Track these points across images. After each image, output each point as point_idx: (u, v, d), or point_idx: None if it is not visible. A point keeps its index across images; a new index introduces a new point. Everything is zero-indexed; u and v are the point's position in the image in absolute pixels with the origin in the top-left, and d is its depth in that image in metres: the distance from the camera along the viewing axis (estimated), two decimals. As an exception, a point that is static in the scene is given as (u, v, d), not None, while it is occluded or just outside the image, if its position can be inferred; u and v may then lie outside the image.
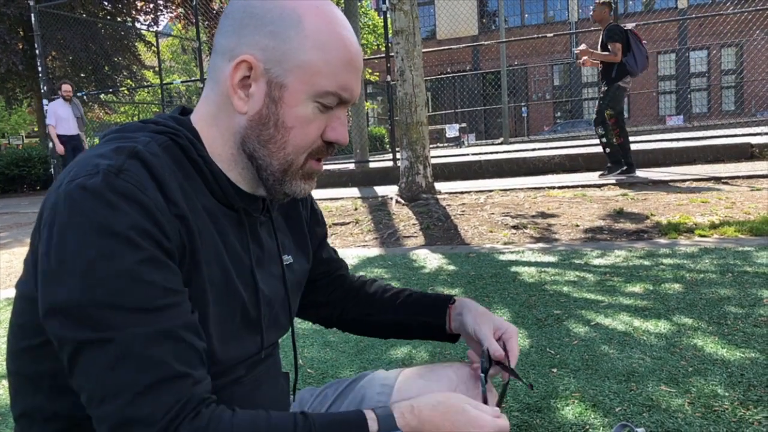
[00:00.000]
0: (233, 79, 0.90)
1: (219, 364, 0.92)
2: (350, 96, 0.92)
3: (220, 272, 0.90)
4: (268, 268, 1.03)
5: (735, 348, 2.26)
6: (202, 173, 0.91)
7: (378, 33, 24.67)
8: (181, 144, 0.90)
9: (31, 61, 16.22)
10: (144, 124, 0.92)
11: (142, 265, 0.77)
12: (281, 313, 1.07)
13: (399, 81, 6.78)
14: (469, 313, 1.17)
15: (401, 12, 6.64)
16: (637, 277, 3.35)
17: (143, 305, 0.76)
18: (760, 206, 5.09)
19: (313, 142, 0.93)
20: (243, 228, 0.97)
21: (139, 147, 0.84)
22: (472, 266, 3.92)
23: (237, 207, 0.95)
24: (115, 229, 0.76)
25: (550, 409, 1.90)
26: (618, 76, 7.39)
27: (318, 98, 0.90)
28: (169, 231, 0.81)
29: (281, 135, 0.91)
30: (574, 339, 2.49)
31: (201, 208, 0.89)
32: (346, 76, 0.90)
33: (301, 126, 0.91)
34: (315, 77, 0.89)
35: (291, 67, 0.88)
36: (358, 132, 11.78)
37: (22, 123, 34.73)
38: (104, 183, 0.77)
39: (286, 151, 0.92)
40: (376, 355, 2.48)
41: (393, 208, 6.45)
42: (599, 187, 6.98)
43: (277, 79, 0.89)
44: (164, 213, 0.80)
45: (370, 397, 1.12)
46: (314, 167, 0.96)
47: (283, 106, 0.90)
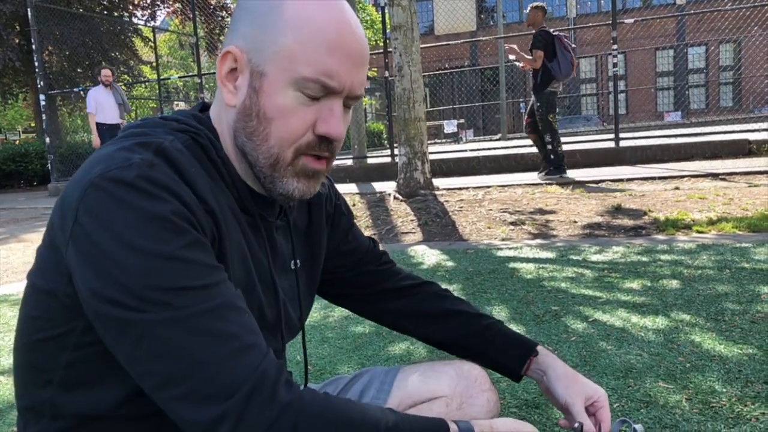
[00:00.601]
0: (221, 72, 0.89)
1: None
2: (339, 84, 0.85)
3: (243, 272, 0.90)
4: (283, 272, 1.02)
5: (733, 344, 2.27)
6: (222, 175, 0.89)
7: (376, 28, 24.62)
8: (202, 144, 0.88)
9: (27, 56, 16.17)
10: (165, 121, 0.90)
11: (192, 246, 0.77)
12: (294, 317, 1.06)
13: (397, 77, 6.77)
14: (559, 381, 1.13)
15: (399, 7, 6.62)
16: (634, 273, 3.35)
17: (201, 282, 0.76)
18: (758, 202, 5.10)
19: (300, 135, 0.87)
20: (259, 231, 0.96)
21: (165, 143, 0.82)
22: (470, 262, 3.92)
23: (252, 212, 0.94)
24: (160, 216, 0.75)
25: (548, 405, 1.90)
26: (544, 81, 7.63)
27: (298, 86, 0.84)
28: (204, 224, 0.81)
29: (263, 127, 0.87)
30: (571, 335, 2.50)
31: (227, 207, 0.88)
32: (330, 60, 0.84)
33: (282, 116, 0.86)
34: (293, 63, 0.84)
35: (269, 54, 0.85)
36: (356, 128, 11.77)
37: (19, 118, 34.66)
38: (141, 175, 0.76)
39: (269, 144, 0.87)
40: (374, 351, 2.48)
41: (391, 204, 6.44)
42: (597, 183, 6.98)
43: (258, 68, 0.86)
44: (197, 206, 0.80)
45: (368, 394, 1.11)
46: (310, 165, 0.90)
47: (263, 95, 0.86)
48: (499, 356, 1.20)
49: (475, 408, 1.06)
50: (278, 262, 1.00)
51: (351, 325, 2.84)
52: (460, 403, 1.06)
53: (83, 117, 23.14)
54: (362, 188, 8.28)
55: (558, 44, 7.49)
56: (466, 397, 1.07)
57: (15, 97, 21.79)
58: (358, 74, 0.87)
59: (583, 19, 30.62)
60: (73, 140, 18.81)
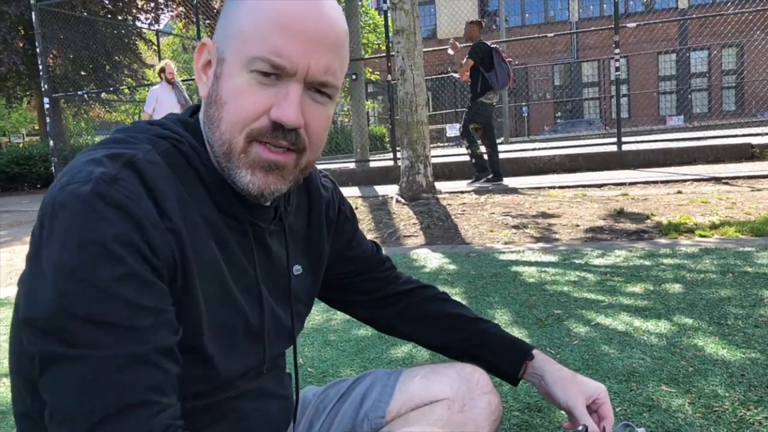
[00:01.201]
0: (197, 64, 0.88)
1: (220, 377, 0.90)
2: (290, 64, 0.80)
3: (218, 286, 0.87)
4: (276, 279, 0.99)
5: (735, 348, 2.26)
6: (205, 182, 0.87)
7: (379, 32, 24.69)
8: (184, 151, 0.86)
9: (31, 60, 16.22)
10: (150, 126, 0.89)
11: (122, 280, 0.73)
12: (286, 323, 1.03)
13: (400, 80, 6.78)
14: (557, 384, 1.14)
15: (402, 11, 6.63)
16: (637, 277, 3.35)
17: (117, 322, 0.72)
18: (761, 206, 5.09)
19: (251, 119, 0.82)
20: (247, 238, 0.92)
21: (139, 155, 0.80)
22: (472, 266, 3.92)
23: (242, 219, 0.91)
24: (98, 241, 0.72)
25: (550, 408, 1.90)
26: (481, 91, 7.92)
27: (250, 66, 0.81)
28: (159, 246, 0.77)
29: (218, 112, 0.84)
30: (574, 339, 2.49)
31: (202, 219, 0.85)
32: (279, 39, 0.80)
33: (234, 99, 0.83)
34: (246, 43, 0.81)
35: (229, 39, 0.84)
36: (359, 131, 11.78)
37: (23, 121, 34.76)
38: (95, 191, 0.74)
39: (221, 129, 0.84)
40: (377, 354, 2.48)
41: (393, 207, 6.45)
42: (599, 187, 6.98)
43: (221, 55, 0.85)
44: (156, 227, 0.77)
45: (371, 397, 1.12)
46: (263, 155, 0.84)
47: (222, 80, 0.84)
48: (495, 360, 1.21)
49: (477, 410, 1.06)
50: (271, 268, 0.98)
51: (353, 328, 2.84)
52: (462, 405, 1.06)
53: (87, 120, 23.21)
54: (365, 191, 8.28)
55: (496, 56, 7.80)
56: (468, 400, 1.07)
57: (19, 101, 21.85)
58: (319, 57, 0.82)
59: (585, 23, 30.64)
60: (77, 143, 18.82)
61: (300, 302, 1.06)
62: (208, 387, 0.90)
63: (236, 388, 0.95)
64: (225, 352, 0.89)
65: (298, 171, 0.89)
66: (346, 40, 0.87)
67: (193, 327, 0.84)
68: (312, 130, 0.86)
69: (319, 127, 0.87)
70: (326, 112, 0.88)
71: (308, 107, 0.84)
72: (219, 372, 0.89)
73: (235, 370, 0.92)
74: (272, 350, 0.99)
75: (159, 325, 0.76)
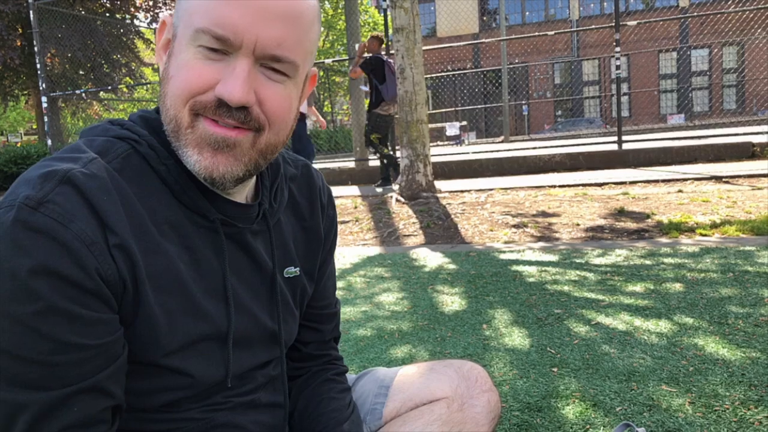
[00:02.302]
0: (157, 45, 0.85)
1: (197, 386, 0.87)
2: (234, 36, 0.76)
3: (180, 296, 0.82)
4: (259, 282, 0.94)
5: (736, 348, 2.25)
6: (168, 183, 0.82)
7: (378, 30, 24.69)
8: (142, 152, 0.82)
9: (29, 58, 16.21)
10: (111, 126, 0.85)
11: (38, 316, 0.69)
12: (271, 332, 0.97)
13: (399, 79, 6.77)
14: None
15: (402, 9, 6.62)
16: (638, 276, 3.34)
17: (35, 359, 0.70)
18: (762, 205, 5.08)
19: (195, 92, 0.78)
20: (219, 238, 0.87)
21: (75, 169, 0.75)
22: (472, 265, 3.91)
23: (212, 217, 0.86)
24: (15, 274, 0.68)
25: (551, 408, 1.89)
26: (375, 103, 8.27)
27: (196, 40, 0.77)
28: (98, 267, 0.73)
29: (165, 88, 0.80)
30: (574, 338, 2.48)
31: (165, 223, 0.82)
32: (223, 9, 0.75)
33: (178, 73, 0.78)
34: (192, 17, 0.78)
35: (181, 14, 0.80)
36: (358, 130, 11.76)
37: (21, 120, 34.75)
38: (16, 219, 0.69)
39: (167, 105, 0.80)
40: (376, 354, 2.47)
41: (393, 206, 6.44)
42: (600, 186, 6.97)
43: (175, 31, 0.81)
44: (93, 246, 0.72)
45: (368, 396, 1.10)
46: (210, 129, 0.79)
47: (172, 57, 0.80)
48: None
49: (476, 409, 1.05)
50: (252, 270, 0.93)
51: (353, 328, 2.83)
52: (461, 404, 1.05)
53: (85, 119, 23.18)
54: (364, 191, 8.27)
55: (387, 69, 8.03)
56: (467, 398, 1.06)
57: (17, 99, 21.83)
58: (268, 28, 0.77)
59: (586, 21, 30.64)
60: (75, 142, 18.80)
61: (289, 307, 1.01)
62: (188, 396, 0.87)
63: (224, 398, 0.91)
64: (197, 362, 0.85)
65: (256, 153, 0.82)
66: (306, 13, 0.81)
67: (154, 341, 0.80)
68: (269, 108, 0.80)
69: (279, 106, 0.81)
70: (285, 91, 0.82)
71: (261, 84, 0.79)
72: (195, 381, 0.86)
73: (211, 378, 0.88)
74: (251, 358, 0.94)
75: (84, 360, 0.73)
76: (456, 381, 1.07)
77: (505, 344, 2.48)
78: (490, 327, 2.70)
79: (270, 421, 0.99)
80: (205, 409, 0.89)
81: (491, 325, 2.73)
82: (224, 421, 0.91)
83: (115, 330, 0.76)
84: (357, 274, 3.94)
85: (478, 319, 2.81)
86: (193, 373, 0.85)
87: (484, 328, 2.69)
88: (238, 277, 0.90)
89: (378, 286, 3.58)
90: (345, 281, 3.76)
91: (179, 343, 0.83)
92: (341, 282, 3.74)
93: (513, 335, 2.58)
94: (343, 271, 4.04)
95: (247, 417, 0.94)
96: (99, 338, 0.74)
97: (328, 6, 26.59)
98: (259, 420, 0.97)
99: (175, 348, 0.82)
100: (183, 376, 0.84)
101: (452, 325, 2.76)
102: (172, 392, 0.85)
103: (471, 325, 2.74)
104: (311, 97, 9.87)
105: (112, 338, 0.76)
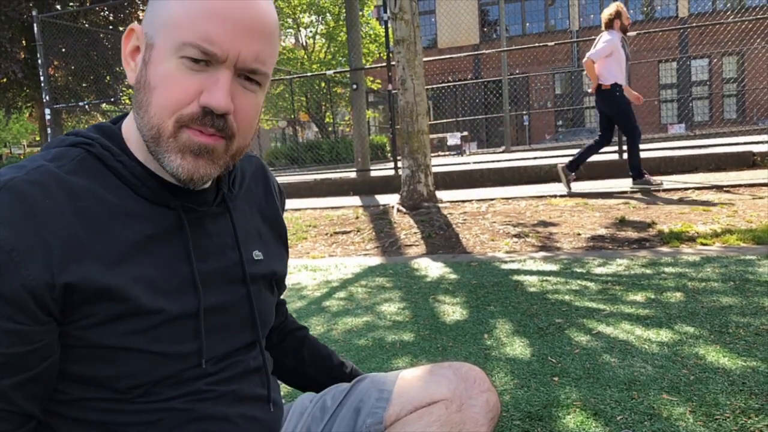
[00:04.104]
0: (124, 50, 0.89)
1: (167, 367, 0.89)
2: (221, 51, 0.82)
3: (143, 285, 0.86)
4: (223, 264, 0.98)
5: (737, 356, 2.26)
6: (125, 178, 0.88)
7: (379, 42, 24.77)
8: (96, 153, 0.88)
9: (32, 71, 16.27)
10: (66, 137, 0.92)
11: None
12: (243, 316, 1.01)
13: (400, 90, 6.80)
14: None
15: (402, 21, 6.66)
16: (638, 285, 3.34)
17: None
18: (763, 214, 5.09)
19: (181, 105, 0.84)
20: (182, 225, 0.92)
21: (18, 177, 0.81)
22: (473, 275, 3.92)
23: (172, 205, 0.91)
24: None
25: (552, 417, 1.89)
26: None
27: (181, 52, 0.82)
28: (19, 275, 0.77)
29: (146, 97, 0.85)
30: (575, 348, 2.49)
31: (125, 215, 0.86)
32: (209, 25, 0.82)
33: (163, 84, 0.84)
34: (176, 30, 0.83)
35: (158, 25, 0.85)
36: (360, 140, 11.79)
37: (24, 132, 34.84)
38: None
39: (150, 114, 0.85)
40: (377, 365, 2.48)
41: (394, 216, 6.45)
42: (601, 195, 6.98)
43: (150, 40, 0.86)
44: (15, 253, 0.77)
45: (368, 402, 1.11)
46: (195, 138, 0.85)
47: (151, 65, 0.85)
48: None
49: (475, 409, 1.05)
50: (214, 252, 0.97)
51: (354, 338, 2.84)
52: (460, 405, 1.05)
53: (88, 131, 23.21)
54: (365, 201, 8.28)
55: None
56: (466, 399, 1.06)
57: (20, 111, 21.90)
58: (249, 44, 0.84)
59: (586, 32, 30.73)
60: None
61: (261, 288, 1.05)
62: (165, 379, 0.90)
63: (207, 385, 0.94)
64: (168, 341, 0.89)
65: (229, 156, 0.90)
66: (275, 29, 0.89)
67: (113, 336, 0.84)
68: (241, 116, 0.87)
69: (249, 114, 0.89)
70: (255, 99, 0.90)
71: (238, 94, 0.86)
72: (167, 361, 0.89)
73: (184, 356, 0.91)
74: (226, 342, 0.98)
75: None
76: (454, 382, 1.08)
77: (506, 354, 2.48)
78: (492, 337, 2.71)
79: (262, 416, 1.02)
80: (187, 399, 0.91)
81: (492, 334, 2.74)
82: (209, 412, 0.93)
83: (30, 341, 0.80)
84: (358, 284, 3.95)
85: (480, 329, 2.82)
86: (165, 351, 0.88)
87: (485, 338, 2.70)
88: (203, 260, 0.94)
89: (379, 296, 3.59)
90: (346, 291, 3.76)
91: (147, 331, 0.86)
92: (342, 292, 3.75)
93: (514, 345, 2.58)
94: (345, 281, 4.05)
95: (233, 409, 0.96)
96: (3, 347, 0.78)
97: (330, 18, 26.69)
98: (249, 415, 0.99)
99: (143, 334, 0.86)
100: (154, 356, 0.87)
101: (453, 335, 2.77)
102: (146, 374, 0.88)
103: (472, 335, 2.75)
104: None
105: (20, 349, 0.79)
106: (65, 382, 0.87)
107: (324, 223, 6.59)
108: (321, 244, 5.67)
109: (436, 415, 1.03)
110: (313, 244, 5.66)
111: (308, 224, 6.50)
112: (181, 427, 0.91)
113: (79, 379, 0.87)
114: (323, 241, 5.75)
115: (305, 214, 7.31)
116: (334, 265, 4.67)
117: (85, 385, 0.87)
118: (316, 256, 5.16)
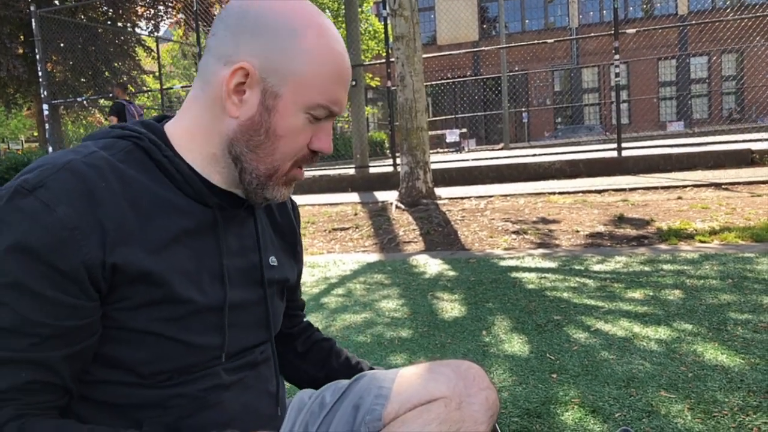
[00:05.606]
0: (229, 84, 0.91)
1: (191, 356, 0.93)
2: (339, 109, 0.96)
3: (178, 275, 0.90)
4: (247, 265, 1.03)
5: (735, 354, 2.26)
6: (169, 173, 0.93)
7: (379, 38, 24.73)
8: (144, 146, 0.92)
9: (31, 66, 16.23)
10: (112, 129, 0.95)
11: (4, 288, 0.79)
12: (258, 316, 1.06)
13: (399, 86, 6.79)
14: None
15: (402, 18, 6.65)
16: (637, 282, 3.35)
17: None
18: (761, 212, 5.09)
19: (300, 151, 0.96)
20: (216, 225, 0.97)
21: (76, 159, 0.85)
22: (472, 272, 3.92)
23: (210, 203, 0.96)
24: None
25: (550, 414, 1.90)
26: None
27: (309, 110, 0.93)
28: (78, 251, 0.81)
29: (271, 142, 0.94)
30: (573, 345, 2.49)
31: (168, 206, 0.91)
32: (337, 89, 0.94)
33: (291, 135, 0.94)
34: (308, 90, 0.92)
35: (286, 79, 0.91)
36: (359, 137, 11.78)
37: (22, 128, 34.78)
38: (8, 200, 0.81)
39: (274, 157, 0.95)
40: (375, 361, 2.48)
41: (393, 213, 6.45)
42: (600, 192, 6.98)
43: (272, 89, 0.91)
44: (77, 231, 0.81)
45: (367, 399, 1.11)
46: (296, 174, 0.99)
47: (276, 115, 0.92)
48: None
49: (475, 407, 1.05)
50: (241, 253, 1.02)
51: (352, 334, 2.84)
52: (459, 402, 1.05)
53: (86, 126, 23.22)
54: (364, 197, 8.28)
55: (127, 112, 9.81)
56: (465, 396, 1.06)
57: (18, 107, 21.86)
58: (346, 97, 0.99)
59: (585, 29, 30.71)
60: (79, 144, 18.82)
61: (273, 291, 1.09)
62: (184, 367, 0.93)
63: (217, 374, 0.97)
64: (195, 331, 0.92)
65: None
66: None
67: (144, 318, 0.88)
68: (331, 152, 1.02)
69: None
70: None
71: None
72: (193, 350, 0.92)
73: (208, 347, 0.95)
74: (242, 338, 1.01)
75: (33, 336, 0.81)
76: (453, 380, 1.08)
77: (504, 350, 2.48)
78: (490, 333, 2.71)
79: (267, 412, 1.06)
80: (201, 389, 0.95)
81: (491, 331, 2.74)
82: (220, 401, 0.97)
83: (83, 316, 0.84)
84: (357, 280, 3.95)
85: (478, 326, 2.82)
86: (192, 341, 0.92)
87: (483, 335, 2.70)
88: (229, 258, 0.99)
89: (378, 292, 3.59)
90: (344, 288, 3.76)
91: (178, 317, 0.91)
92: (341, 289, 3.74)
93: (512, 341, 2.58)
94: (343, 278, 4.05)
95: (239, 400, 1.00)
96: (59, 320, 0.82)
97: (329, 14, 26.66)
98: (255, 409, 1.03)
99: (175, 320, 0.90)
100: (180, 344, 0.91)
101: (452, 332, 2.77)
102: (170, 361, 0.92)
103: (471, 332, 2.75)
104: None
105: (74, 323, 0.83)
106: (91, 363, 0.90)
107: (322, 219, 6.58)
108: (319, 240, 5.67)
109: (435, 413, 1.03)
110: (312, 241, 5.65)
111: (307, 221, 6.49)
112: (190, 415, 0.94)
113: (106, 361, 0.90)
114: (322, 238, 5.75)
115: (304, 210, 7.31)
116: (333, 261, 4.67)
117: (109, 367, 0.90)
118: (315, 253, 5.16)
